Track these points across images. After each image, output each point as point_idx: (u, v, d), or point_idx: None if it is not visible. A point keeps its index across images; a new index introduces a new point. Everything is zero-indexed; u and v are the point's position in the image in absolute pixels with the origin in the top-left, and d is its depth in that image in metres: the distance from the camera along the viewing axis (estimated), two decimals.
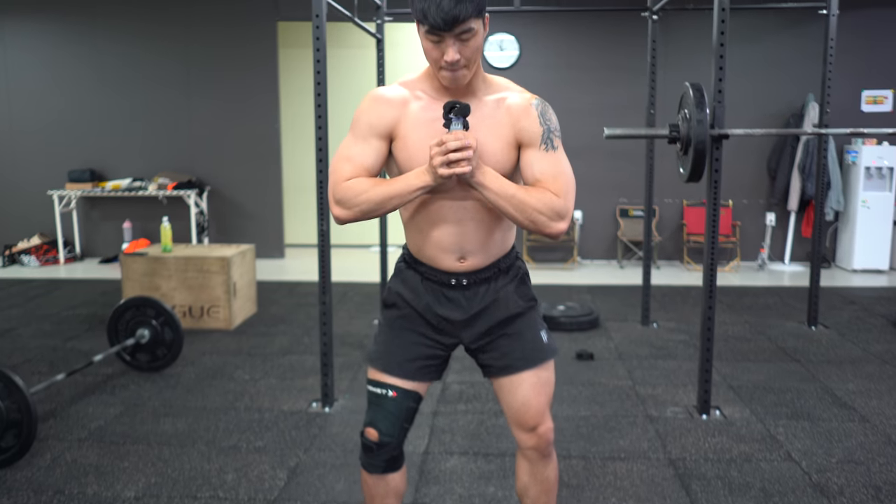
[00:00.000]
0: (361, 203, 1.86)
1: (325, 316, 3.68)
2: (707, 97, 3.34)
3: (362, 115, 1.92)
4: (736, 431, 3.44)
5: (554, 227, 1.86)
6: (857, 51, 7.28)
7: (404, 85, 1.95)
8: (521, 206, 1.83)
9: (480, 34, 1.81)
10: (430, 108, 1.89)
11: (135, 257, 5.20)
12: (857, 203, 7.24)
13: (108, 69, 7.96)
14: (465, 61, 1.80)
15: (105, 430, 3.47)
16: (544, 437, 2.07)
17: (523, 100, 1.93)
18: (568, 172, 1.91)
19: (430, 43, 1.80)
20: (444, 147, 1.74)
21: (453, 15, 1.72)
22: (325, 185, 3.63)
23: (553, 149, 1.91)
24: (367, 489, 2.13)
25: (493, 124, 1.90)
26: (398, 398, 2.03)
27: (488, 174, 1.83)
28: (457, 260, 1.99)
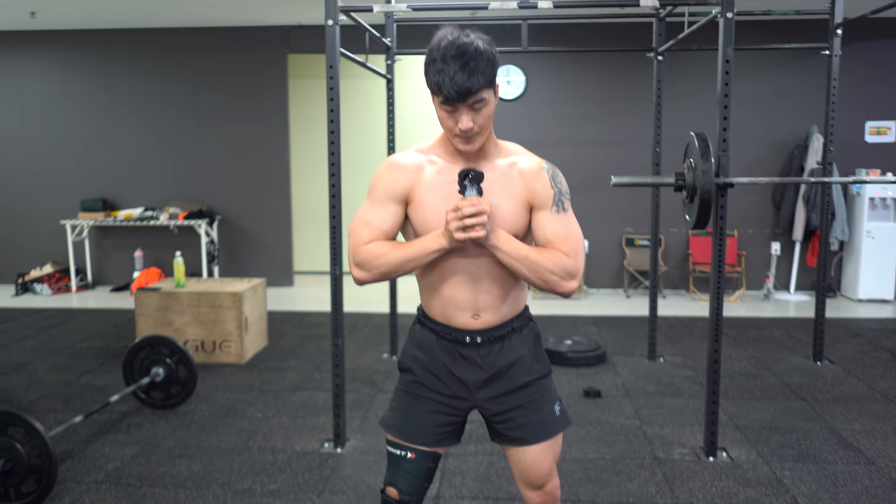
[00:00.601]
0: (380, 266, 1.95)
1: (338, 358, 3.74)
2: (712, 146, 3.42)
3: (379, 181, 2.01)
4: (742, 474, 3.48)
5: (566, 286, 1.94)
6: (859, 82, 7.37)
7: (420, 151, 2.04)
8: (533, 267, 1.91)
9: (492, 102, 1.90)
10: (445, 171, 1.98)
11: (148, 292, 5.28)
12: (862, 233, 7.29)
13: (120, 100, 8.08)
14: (477, 129, 1.89)
15: (122, 471, 3.53)
16: (551, 495, 2.14)
17: (534, 164, 2.01)
18: (578, 234, 1.98)
19: (444, 112, 1.89)
20: (460, 213, 1.82)
21: (466, 87, 1.82)
22: (339, 218, 3.71)
23: (564, 211, 1.99)
24: None
25: (506, 187, 1.98)
26: (417, 459, 2.09)
27: (502, 237, 1.91)
28: (471, 317, 2.05)
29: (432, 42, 1.88)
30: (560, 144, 7.73)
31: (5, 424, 3.10)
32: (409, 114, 8.45)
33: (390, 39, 5.15)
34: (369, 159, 8.48)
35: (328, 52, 3.61)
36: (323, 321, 6.53)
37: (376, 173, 2.03)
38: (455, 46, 1.82)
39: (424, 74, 1.89)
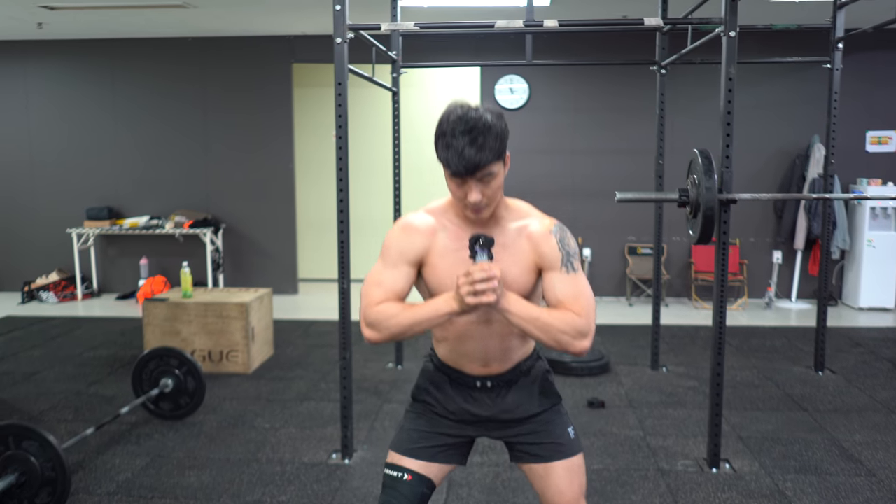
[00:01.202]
0: (391, 327, 1.97)
1: (346, 371, 3.80)
2: (715, 163, 3.47)
3: (393, 242, 2.07)
4: (745, 486, 3.53)
5: (577, 346, 1.95)
6: (861, 92, 7.42)
7: (431, 213, 2.10)
8: (545, 328, 1.93)
9: (501, 174, 1.95)
10: (457, 237, 2.04)
11: (156, 303, 5.34)
12: (863, 242, 7.34)
13: (126, 109, 8.15)
14: (486, 200, 1.95)
15: (132, 482, 3.58)
16: None
17: (543, 227, 2.04)
18: (588, 293, 2.01)
19: (454, 184, 1.95)
20: (471, 278, 1.85)
21: (474, 163, 1.87)
22: (347, 228, 3.76)
23: (573, 271, 2.02)
24: None
25: (515, 251, 2.03)
26: (412, 482, 2.13)
27: (512, 300, 1.94)
28: (481, 366, 2.15)
29: (442, 115, 1.94)
30: (562, 153, 7.79)
31: (19, 438, 3.15)
32: (416, 122, 8.51)
33: (396, 53, 5.20)
34: (374, 167, 8.53)
35: (336, 69, 3.67)
36: (328, 329, 6.58)
37: (389, 234, 2.09)
38: (464, 121, 1.87)
39: (434, 146, 1.94)
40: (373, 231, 8.42)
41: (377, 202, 8.61)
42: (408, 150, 8.07)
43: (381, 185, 8.44)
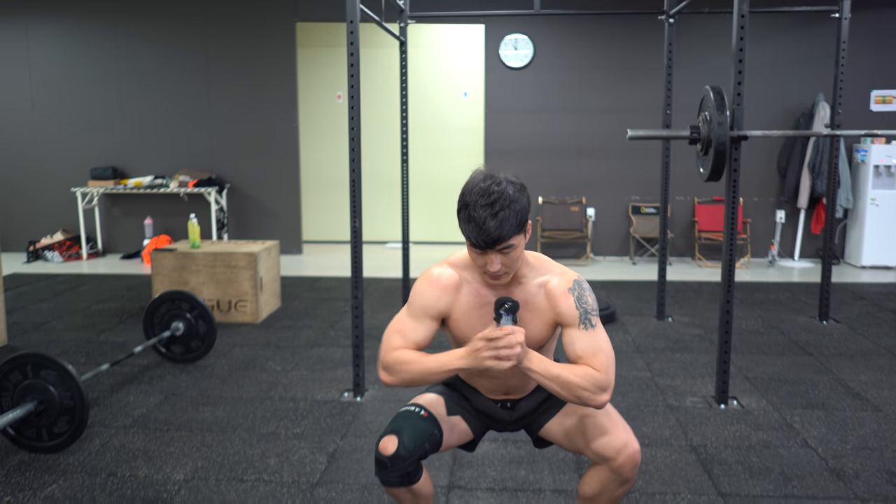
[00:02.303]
0: (403, 373, 2.07)
1: (357, 310, 3.82)
2: (727, 99, 3.48)
3: (418, 297, 2.15)
4: (754, 420, 3.58)
5: (597, 400, 2.00)
6: (866, 51, 7.41)
7: (454, 266, 2.17)
8: (565, 385, 1.99)
9: (522, 244, 2.02)
10: (478, 293, 2.13)
11: (165, 253, 5.36)
12: (866, 201, 7.37)
13: (130, 69, 8.12)
14: (505, 269, 2.01)
15: (148, 417, 3.62)
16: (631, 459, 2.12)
17: (562, 286, 2.11)
18: (607, 348, 2.06)
19: (474, 253, 2.01)
20: (496, 342, 1.93)
21: (495, 237, 1.93)
22: (358, 185, 3.76)
23: (592, 327, 2.07)
24: (395, 497, 2.25)
25: (535, 308, 2.12)
26: (428, 419, 2.20)
27: (534, 359, 2.00)
28: (501, 395, 2.29)
29: (464, 186, 1.99)
30: (568, 112, 7.78)
31: (38, 367, 3.18)
32: (425, 82, 8.50)
33: (404, 2, 5.19)
34: (382, 127, 8.50)
35: (349, 7, 3.66)
36: (334, 285, 6.61)
37: (416, 288, 2.16)
38: (486, 195, 1.92)
39: (457, 216, 1.99)
40: (379, 190, 8.44)
41: (385, 161, 8.58)
42: (415, 110, 8.09)
43: (389, 144, 8.43)
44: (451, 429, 2.25)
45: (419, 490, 2.23)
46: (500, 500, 2.81)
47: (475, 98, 8.52)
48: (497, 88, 7.86)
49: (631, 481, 2.19)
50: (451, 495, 2.86)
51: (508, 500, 2.81)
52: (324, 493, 2.87)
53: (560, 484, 2.95)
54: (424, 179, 8.62)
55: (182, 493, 2.86)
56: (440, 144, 8.63)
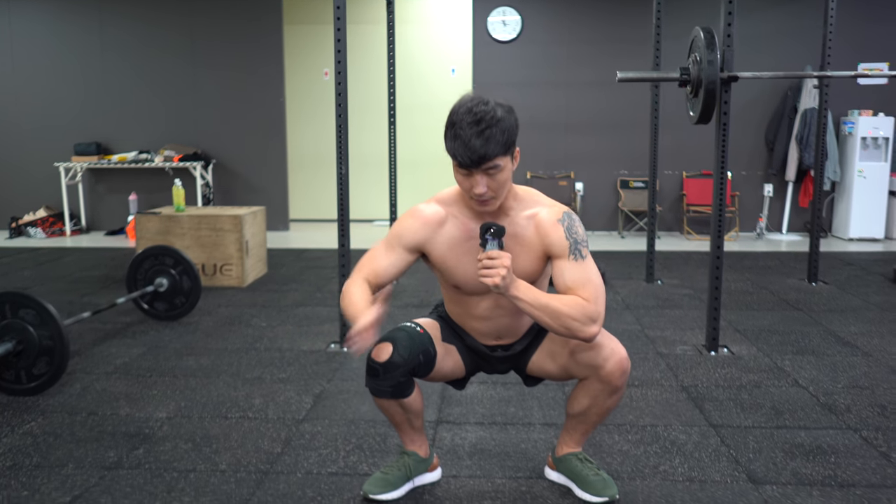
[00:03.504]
0: (342, 300, 2.08)
1: (344, 258, 3.77)
2: (718, 40, 3.45)
3: (397, 226, 2.13)
4: (744, 364, 3.55)
5: (587, 331, 1.96)
6: (853, 25, 7.39)
7: (441, 202, 2.13)
8: (554, 314, 1.95)
9: (509, 168, 1.98)
10: (465, 228, 2.09)
11: (149, 216, 5.29)
12: (854, 173, 7.36)
13: (113, 43, 8.02)
14: (492, 193, 1.97)
15: (130, 365, 3.56)
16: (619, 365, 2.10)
17: (551, 217, 2.07)
18: (597, 279, 2.02)
19: (461, 175, 1.98)
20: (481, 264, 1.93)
21: (480, 155, 1.90)
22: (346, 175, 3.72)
23: (582, 258, 2.03)
24: (384, 410, 2.24)
25: (524, 240, 2.08)
26: (424, 335, 2.16)
27: (522, 287, 1.97)
28: (493, 339, 2.24)
29: (453, 107, 1.96)
30: (556, 86, 7.75)
31: (16, 306, 3.11)
32: (413, 59, 8.45)
33: None
34: (369, 106, 8.44)
35: None
36: (321, 255, 6.56)
37: (399, 219, 2.15)
38: (473, 113, 1.90)
39: (444, 138, 1.96)
40: (366, 168, 8.38)
41: (372, 139, 8.51)
42: (403, 87, 8.01)
43: (376, 122, 8.36)
44: (444, 353, 2.22)
45: (409, 405, 2.19)
46: (489, 433, 2.77)
47: (463, 75, 8.47)
48: (485, 63, 7.82)
49: (621, 390, 2.16)
50: (440, 429, 2.81)
51: (498, 433, 2.77)
52: (310, 427, 2.82)
53: (550, 418, 2.91)
54: (412, 157, 8.55)
55: (164, 429, 2.80)
56: (428, 122, 8.56)
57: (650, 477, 2.41)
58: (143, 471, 2.45)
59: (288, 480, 2.39)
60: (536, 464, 2.50)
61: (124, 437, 2.72)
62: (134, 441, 2.68)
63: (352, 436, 2.74)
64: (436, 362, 2.17)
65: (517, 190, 2.11)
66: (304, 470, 2.46)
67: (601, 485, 2.24)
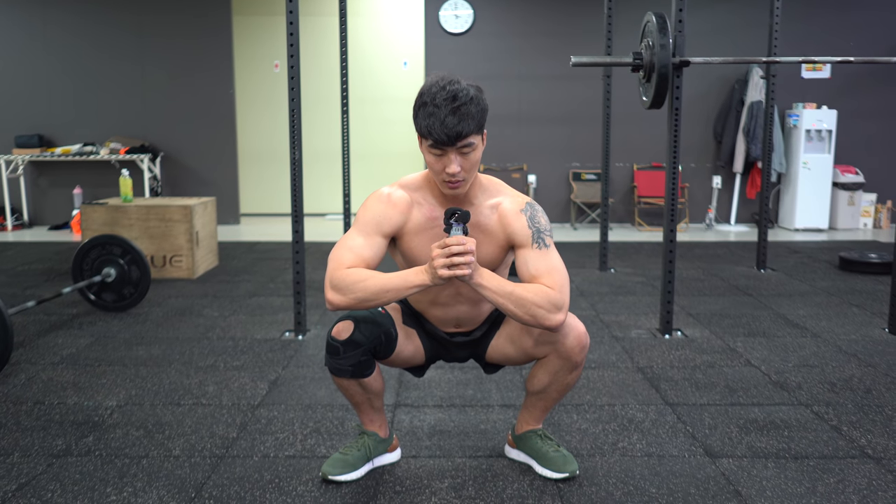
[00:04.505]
0: (357, 291, 1.92)
1: (298, 245, 3.71)
2: (670, 25, 3.49)
3: (370, 213, 2.04)
4: (698, 346, 3.60)
5: (553, 319, 1.94)
6: (797, 20, 7.55)
7: (405, 188, 2.09)
8: (519, 302, 1.92)
9: (480, 148, 1.96)
10: (430, 215, 2.06)
11: (95, 206, 5.15)
12: (799, 165, 7.53)
13: (56, 33, 7.80)
14: (464, 173, 1.95)
15: (78, 356, 3.45)
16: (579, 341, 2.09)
17: (515, 205, 2.06)
18: (561, 268, 2.01)
19: (433, 156, 1.94)
20: (447, 250, 1.85)
21: (456, 132, 1.87)
22: (299, 161, 3.67)
23: (546, 246, 2.02)
24: (344, 391, 2.19)
25: (487, 230, 2.06)
26: (385, 315, 2.12)
27: (486, 275, 1.94)
28: (453, 327, 2.23)
29: (423, 87, 1.93)
30: (509, 78, 7.77)
31: None
32: (365, 52, 8.38)
33: None
34: (318, 99, 8.35)
35: None
36: (273, 248, 6.47)
37: (367, 204, 2.07)
38: (447, 92, 1.88)
39: (414, 118, 1.93)
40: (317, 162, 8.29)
41: (323, 133, 8.43)
42: (354, 80, 7.95)
43: (327, 116, 8.28)
44: (405, 337, 2.19)
45: (370, 385, 2.16)
46: (448, 415, 2.75)
47: (415, 67, 8.44)
48: (437, 56, 7.81)
49: (580, 366, 2.16)
50: (399, 412, 2.78)
51: (457, 415, 2.76)
52: (265, 412, 2.77)
53: (508, 400, 2.90)
54: (364, 150, 8.49)
55: (114, 417, 2.72)
56: (380, 115, 8.51)
57: (609, 453, 2.42)
58: (94, 458, 2.37)
59: (244, 464, 2.34)
60: (496, 443, 2.49)
61: (73, 426, 2.63)
62: (83, 429, 2.60)
63: (309, 420, 2.69)
64: (396, 344, 2.14)
65: (481, 179, 2.10)
66: (261, 454, 2.41)
67: (561, 461, 2.24)
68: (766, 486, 2.19)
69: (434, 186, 2.05)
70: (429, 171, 2.03)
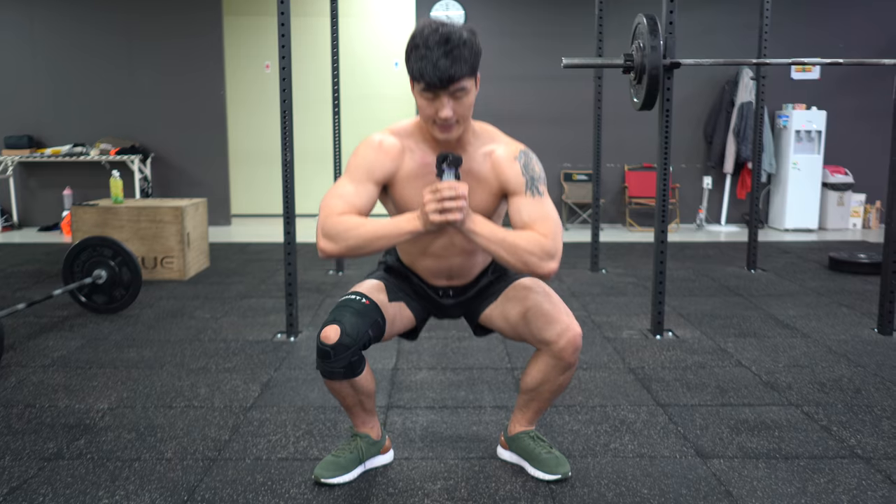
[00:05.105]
0: (350, 238, 1.91)
1: (290, 246, 3.71)
2: (660, 27, 3.50)
3: (361, 160, 2.02)
4: (689, 346, 3.61)
5: (546, 267, 1.93)
6: (786, 22, 7.58)
7: (396, 135, 2.06)
8: (512, 249, 1.91)
9: (473, 92, 1.94)
10: (422, 161, 2.03)
11: (85, 208, 5.13)
12: (788, 165, 7.57)
13: (45, 33, 7.76)
14: (457, 118, 1.92)
15: (69, 358, 3.44)
16: (572, 343, 2.09)
17: (508, 154, 2.04)
18: (555, 216, 2.00)
19: (424, 100, 1.92)
20: (439, 194, 1.84)
21: (449, 74, 1.84)
22: (291, 162, 3.68)
23: (539, 194, 2.01)
24: (335, 393, 2.17)
25: (480, 177, 2.04)
26: (370, 306, 2.09)
27: (478, 221, 1.93)
28: (445, 280, 2.20)
29: (415, 30, 1.90)
30: (500, 79, 7.77)
31: None
32: (356, 53, 8.37)
33: None
34: (309, 100, 8.35)
35: None
36: (264, 249, 6.46)
37: (358, 151, 2.04)
38: (439, 34, 1.85)
39: (406, 61, 1.91)
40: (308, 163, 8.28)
41: (314, 134, 8.42)
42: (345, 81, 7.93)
43: (318, 116, 8.27)
44: (393, 315, 2.17)
45: (361, 385, 2.16)
46: (440, 416, 2.76)
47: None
48: None
49: (573, 367, 2.17)
50: (391, 413, 2.79)
51: (449, 416, 2.76)
52: (258, 414, 2.77)
53: (500, 401, 2.91)
54: None
55: (106, 419, 2.72)
56: (371, 115, 8.50)
57: (601, 454, 2.43)
58: (85, 461, 2.37)
59: (237, 467, 2.34)
60: (488, 444, 2.50)
61: (64, 429, 2.63)
62: (74, 432, 2.60)
63: (301, 422, 2.69)
64: (385, 329, 2.14)
65: (475, 125, 2.08)
66: (254, 456, 2.41)
67: (554, 462, 2.24)
68: (756, 486, 2.21)
69: (426, 132, 2.03)
70: (420, 117, 2.01)
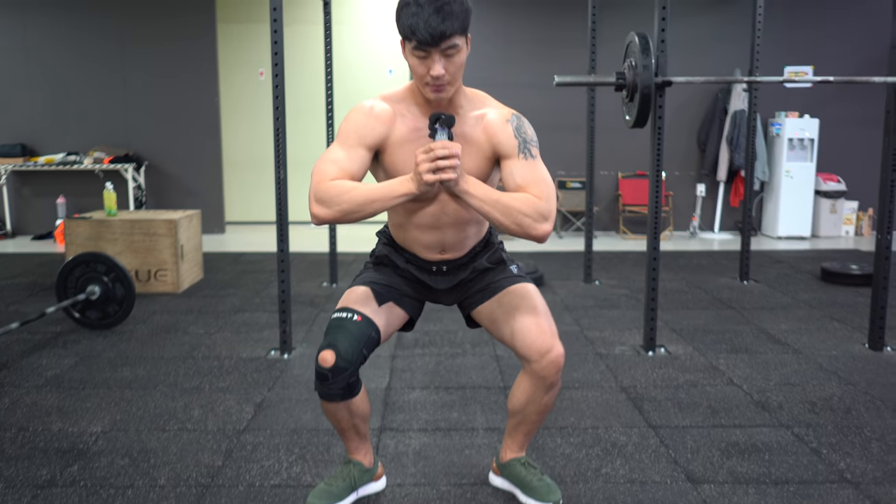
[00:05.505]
0: (343, 203, 1.90)
1: (284, 263, 3.72)
2: (652, 46, 3.52)
3: (352, 125, 2.01)
4: (681, 364, 3.63)
5: (540, 229, 1.94)
6: (778, 29, 7.61)
7: (387, 100, 2.06)
8: (506, 210, 1.91)
9: (464, 51, 1.93)
10: (414, 126, 2.02)
11: (79, 221, 5.13)
12: (781, 173, 7.60)
13: (38, 40, 7.75)
14: (449, 77, 1.91)
15: (62, 377, 3.44)
16: (554, 364, 2.06)
17: (500, 116, 2.05)
18: (548, 178, 2.01)
19: (416, 59, 1.90)
20: (432, 154, 1.83)
21: (440, 31, 1.83)
22: (284, 164, 3.69)
23: (532, 157, 2.02)
24: (331, 416, 2.18)
25: (472, 141, 2.03)
26: (362, 323, 2.08)
27: (472, 182, 1.93)
28: (437, 253, 2.18)
29: None
30: (492, 87, 7.66)
31: None
32: (349, 61, 8.37)
33: None
34: (302, 108, 8.35)
35: None
36: (258, 259, 6.46)
37: (349, 117, 2.03)
38: None
39: (396, 20, 1.89)
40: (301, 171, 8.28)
41: (307, 142, 8.42)
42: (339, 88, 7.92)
43: (311, 124, 8.27)
44: (386, 321, 2.15)
45: (356, 407, 2.16)
46: (433, 439, 2.77)
47: (401, 75, 8.45)
48: None
49: (556, 386, 2.16)
50: (384, 436, 2.80)
51: (441, 439, 2.77)
52: (251, 438, 2.78)
53: (492, 423, 2.92)
54: None
55: (99, 443, 2.72)
56: None
57: (592, 480, 2.44)
58: (79, 489, 2.37)
59: (230, 494, 2.34)
60: (481, 470, 2.51)
61: (57, 454, 2.63)
62: (68, 457, 2.60)
63: (294, 446, 2.70)
64: (381, 338, 2.13)
65: (466, 90, 2.08)
66: (247, 483, 2.42)
67: (545, 490, 2.25)
68: None
69: (418, 96, 2.02)
70: (411, 83, 2.01)
